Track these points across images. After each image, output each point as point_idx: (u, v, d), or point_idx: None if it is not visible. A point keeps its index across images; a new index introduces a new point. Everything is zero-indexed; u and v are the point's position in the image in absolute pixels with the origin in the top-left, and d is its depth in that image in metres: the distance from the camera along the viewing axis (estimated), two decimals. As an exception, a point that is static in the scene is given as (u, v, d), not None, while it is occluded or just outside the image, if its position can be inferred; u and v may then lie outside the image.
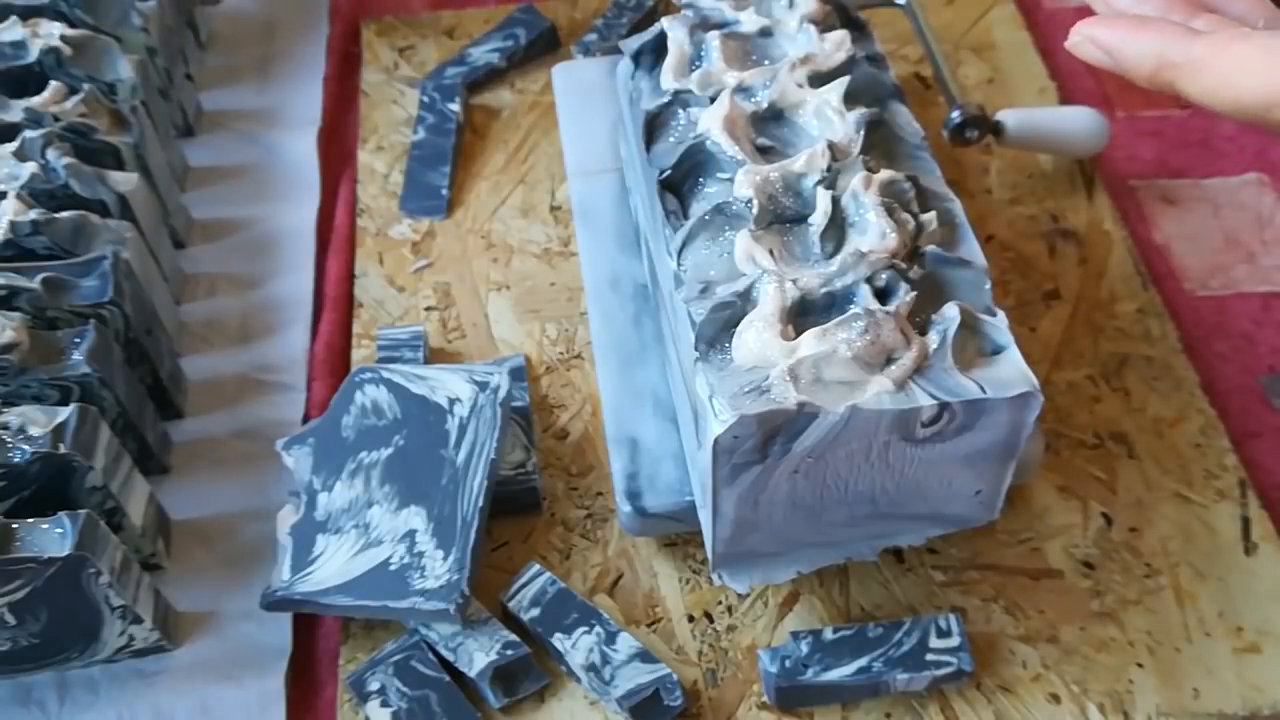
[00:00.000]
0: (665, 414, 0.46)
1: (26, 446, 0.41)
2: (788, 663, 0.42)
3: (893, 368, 0.37)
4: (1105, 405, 0.51)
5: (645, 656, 0.43)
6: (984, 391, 0.37)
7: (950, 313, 0.38)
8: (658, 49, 0.48)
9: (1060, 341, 0.53)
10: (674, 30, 0.47)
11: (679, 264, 0.41)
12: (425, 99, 0.63)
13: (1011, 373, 0.37)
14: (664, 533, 0.47)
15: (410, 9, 0.70)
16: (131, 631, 0.44)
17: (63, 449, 0.42)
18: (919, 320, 0.39)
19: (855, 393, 0.36)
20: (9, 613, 0.41)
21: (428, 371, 0.48)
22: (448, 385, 0.47)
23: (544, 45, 0.67)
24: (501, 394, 0.46)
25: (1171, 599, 0.45)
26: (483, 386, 0.47)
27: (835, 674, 0.42)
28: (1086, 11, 0.38)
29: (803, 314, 0.38)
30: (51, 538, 0.40)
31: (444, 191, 0.60)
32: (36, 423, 0.42)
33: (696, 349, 0.38)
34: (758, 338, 0.37)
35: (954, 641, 0.43)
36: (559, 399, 0.52)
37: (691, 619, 0.46)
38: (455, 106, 0.62)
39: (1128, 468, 0.49)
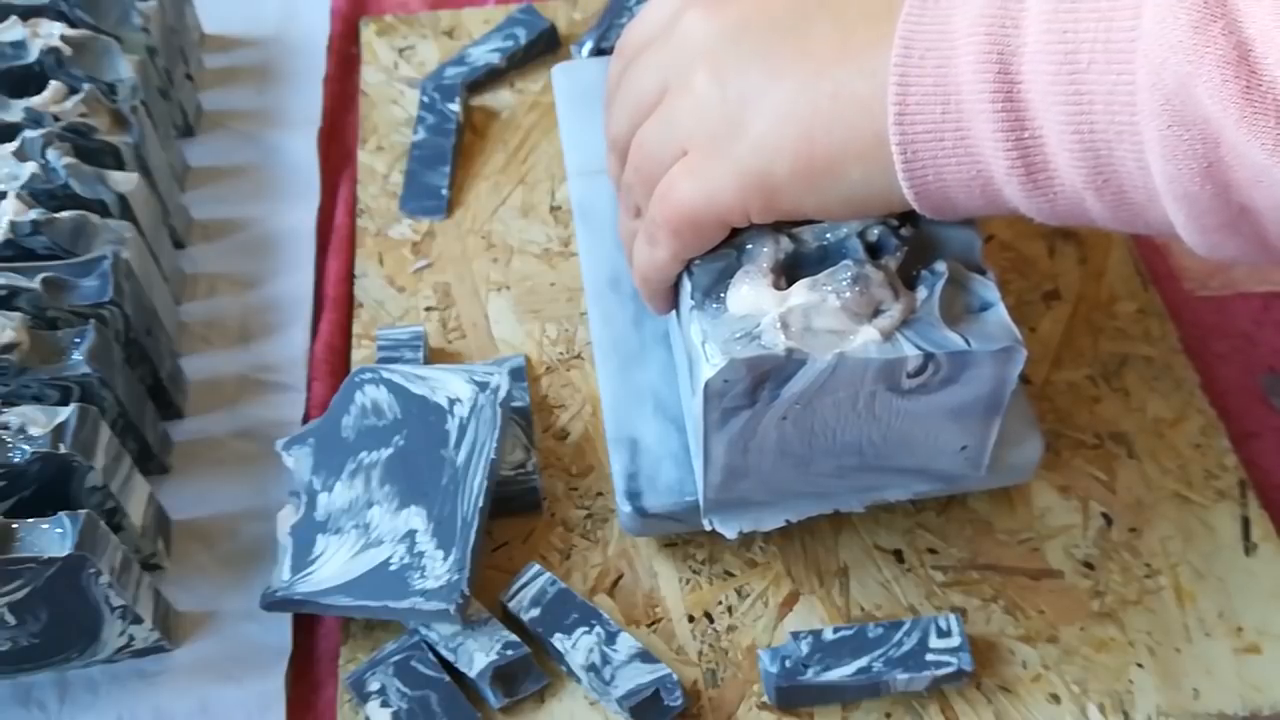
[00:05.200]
0: (665, 414, 0.46)
1: (26, 446, 0.41)
2: (788, 663, 0.42)
3: (880, 319, 0.38)
4: (1105, 405, 0.51)
5: (645, 656, 0.43)
6: (968, 344, 0.38)
7: (939, 268, 0.39)
8: None
9: (1060, 342, 0.53)
10: None
11: None
12: (425, 99, 0.63)
13: (996, 328, 0.38)
14: (664, 533, 0.47)
15: (410, 9, 0.70)
16: (131, 631, 0.44)
17: (63, 449, 0.42)
18: (913, 275, 0.40)
19: (843, 342, 0.38)
20: (9, 613, 0.41)
21: (428, 372, 0.48)
22: (448, 385, 0.47)
23: (544, 45, 0.66)
24: (501, 394, 0.46)
25: (1171, 599, 0.45)
26: (483, 387, 0.47)
27: (835, 674, 0.42)
28: None
29: (796, 266, 0.40)
30: (51, 538, 0.40)
31: (444, 192, 0.60)
32: (36, 423, 0.42)
33: (693, 297, 0.40)
34: (751, 287, 0.39)
35: (954, 641, 0.43)
36: (559, 399, 0.52)
37: (691, 619, 0.46)
38: (455, 106, 0.62)
39: (1128, 468, 0.49)
